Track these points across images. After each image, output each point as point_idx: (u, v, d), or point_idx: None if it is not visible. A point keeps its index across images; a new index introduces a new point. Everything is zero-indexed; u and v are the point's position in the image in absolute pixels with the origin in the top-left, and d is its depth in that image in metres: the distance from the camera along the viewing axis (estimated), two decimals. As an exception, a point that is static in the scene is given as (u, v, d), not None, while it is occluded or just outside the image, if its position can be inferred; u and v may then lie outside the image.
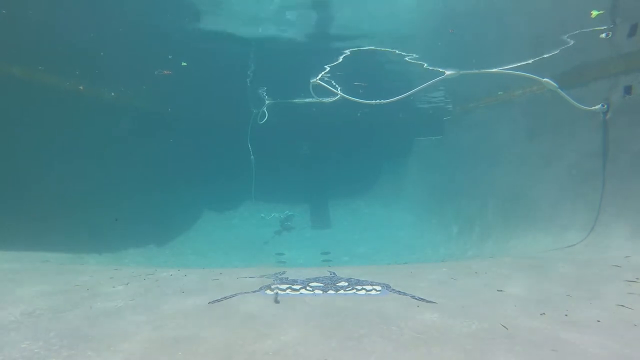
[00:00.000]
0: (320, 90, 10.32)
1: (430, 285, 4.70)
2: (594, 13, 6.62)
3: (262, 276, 5.36)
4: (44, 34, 8.06)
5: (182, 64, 10.52)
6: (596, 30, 6.93)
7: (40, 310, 3.73)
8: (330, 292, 4.34)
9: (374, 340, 3.00)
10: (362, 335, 3.10)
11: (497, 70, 8.06)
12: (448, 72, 7.87)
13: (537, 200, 8.28)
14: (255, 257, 11.68)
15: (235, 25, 8.75)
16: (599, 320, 3.31)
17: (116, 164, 11.11)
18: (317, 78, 10.27)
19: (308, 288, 4.42)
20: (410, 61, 9.80)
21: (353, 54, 9.71)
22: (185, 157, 15.34)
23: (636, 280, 4.42)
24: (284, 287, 4.45)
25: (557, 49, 7.95)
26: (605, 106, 6.86)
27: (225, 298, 4.14)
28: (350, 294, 4.28)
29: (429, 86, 8.00)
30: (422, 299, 4.00)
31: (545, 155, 8.33)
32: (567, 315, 3.47)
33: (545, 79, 7.00)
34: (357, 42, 9.34)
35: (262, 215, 16.26)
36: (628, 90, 6.47)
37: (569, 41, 7.70)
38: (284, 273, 5.56)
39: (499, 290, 4.31)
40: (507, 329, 3.17)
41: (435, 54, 9.56)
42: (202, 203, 15.65)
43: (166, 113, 14.37)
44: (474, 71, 7.88)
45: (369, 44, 9.36)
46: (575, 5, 6.99)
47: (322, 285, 4.56)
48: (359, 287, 4.43)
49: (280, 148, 16.77)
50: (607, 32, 6.76)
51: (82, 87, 10.23)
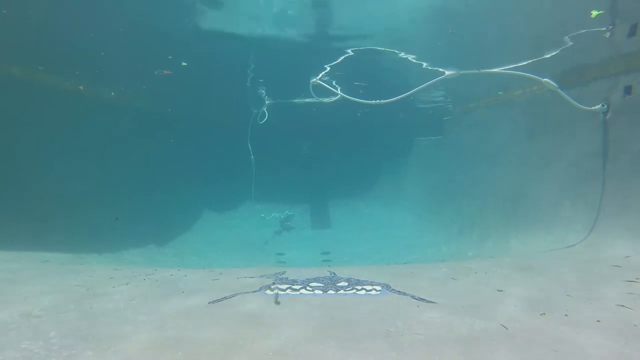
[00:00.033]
0: (320, 90, 10.32)
1: (430, 285, 4.70)
2: (594, 13, 6.62)
3: (262, 276, 5.36)
4: (44, 34, 8.06)
5: (182, 64, 10.53)
6: (596, 30, 6.93)
7: (40, 310, 3.73)
8: (330, 292, 4.34)
9: (373, 340, 3.00)
10: (362, 335, 3.10)
11: (497, 70, 8.05)
12: (448, 72, 7.87)
13: (537, 200, 8.28)
14: (255, 257, 11.67)
15: (235, 24, 8.76)
16: (599, 320, 3.32)
17: (116, 164, 11.11)
18: (317, 78, 10.27)
19: (308, 288, 4.42)
20: (412, 61, 9.80)
21: (354, 53, 9.71)
22: (185, 157, 15.34)
23: (636, 280, 4.42)
24: (284, 287, 4.45)
25: (557, 49, 7.95)
26: (605, 106, 6.86)
27: (225, 298, 4.14)
28: (350, 294, 4.28)
29: (428, 86, 8.00)
30: (422, 299, 4.01)
31: (545, 155, 8.33)
32: (567, 315, 3.47)
33: (545, 79, 7.00)
34: (357, 42, 9.34)
35: (262, 215, 16.26)
36: (628, 90, 6.47)
37: (569, 41, 7.70)
38: (284, 273, 5.56)
39: (499, 290, 4.31)
40: (507, 329, 3.18)
41: (435, 54, 9.56)
42: (202, 203, 15.64)
43: (166, 113, 14.37)
44: (474, 71, 7.88)
45: (369, 44, 9.36)
46: (575, 5, 6.99)
47: (322, 285, 4.56)
48: (359, 287, 4.43)
49: (280, 148, 16.77)
50: (609, 30, 6.75)
51: (82, 87, 10.23)
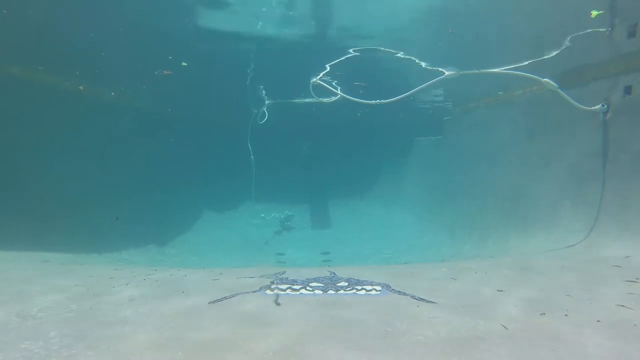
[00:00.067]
0: (321, 90, 10.31)
1: (430, 285, 4.70)
2: (594, 13, 6.61)
3: (262, 276, 5.36)
4: (44, 34, 8.06)
5: (182, 64, 10.53)
6: (596, 31, 6.93)
7: (40, 310, 3.73)
8: (330, 292, 4.34)
9: (373, 340, 3.00)
10: (362, 335, 3.10)
11: (497, 70, 8.05)
12: (448, 72, 7.87)
13: (537, 200, 8.28)
14: (255, 257, 11.67)
15: (235, 25, 8.76)
16: (599, 320, 3.31)
17: (116, 164, 11.10)
18: (318, 78, 10.27)
19: (308, 288, 4.42)
20: (413, 60, 9.80)
21: (355, 53, 9.71)
22: (185, 157, 15.34)
23: (636, 280, 4.42)
24: (284, 287, 4.45)
25: (557, 49, 7.95)
26: (605, 106, 6.85)
27: (225, 298, 4.14)
28: (350, 294, 4.28)
29: (428, 86, 8.00)
30: (422, 299, 4.01)
31: (545, 155, 8.33)
32: (567, 315, 3.47)
33: (545, 79, 7.00)
34: (357, 42, 9.34)
35: (262, 215, 16.25)
36: (628, 90, 6.47)
37: (569, 41, 7.70)
38: (284, 273, 5.56)
39: (499, 290, 4.31)
40: (507, 329, 3.18)
41: (435, 54, 9.56)
42: (202, 203, 15.63)
43: (166, 113, 14.37)
44: (474, 71, 7.88)
45: (369, 44, 9.36)
46: (575, 5, 6.99)
47: (322, 285, 4.56)
48: (359, 287, 4.43)
49: (280, 148, 16.76)
50: (608, 31, 6.75)
51: (82, 87, 10.23)
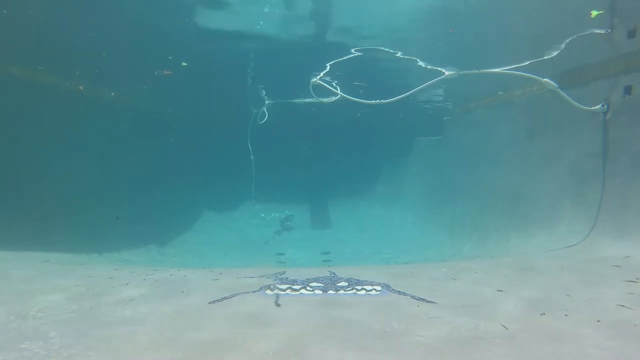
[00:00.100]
0: (321, 90, 10.32)
1: (430, 285, 4.70)
2: (594, 13, 6.61)
3: (262, 276, 5.36)
4: (44, 34, 8.06)
5: (182, 64, 10.53)
6: (596, 31, 6.93)
7: (40, 310, 3.73)
8: (330, 292, 4.34)
9: (373, 340, 3.00)
10: (362, 335, 3.10)
11: (497, 70, 8.05)
12: (448, 72, 7.87)
13: (537, 200, 8.28)
14: (255, 257, 11.68)
15: (235, 25, 8.75)
16: (599, 320, 3.31)
17: (116, 164, 11.11)
18: (318, 78, 10.27)
19: (308, 288, 4.42)
20: (413, 60, 9.80)
21: (356, 53, 9.70)
22: (185, 157, 15.34)
23: (636, 280, 4.42)
24: (284, 287, 4.45)
25: (557, 49, 7.95)
26: (605, 106, 6.85)
27: (225, 298, 4.14)
28: (350, 294, 4.28)
29: (428, 86, 8.00)
30: (422, 299, 4.01)
31: (545, 155, 8.33)
32: (567, 315, 3.47)
33: (545, 79, 7.00)
34: (357, 42, 9.34)
35: (262, 215, 16.26)
36: (628, 90, 6.46)
37: (569, 41, 7.69)
38: (284, 273, 5.56)
39: (499, 290, 4.31)
40: (508, 329, 3.18)
41: (435, 54, 9.56)
42: (202, 203, 15.64)
43: (166, 113, 14.37)
44: (474, 71, 7.87)
45: (369, 44, 9.36)
46: (575, 5, 6.99)
47: (322, 285, 4.56)
48: (359, 287, 4.43)
49: (280, 148, 16.77)
50: (607, 32, 6.76)
51: (82, 87, 10.23)
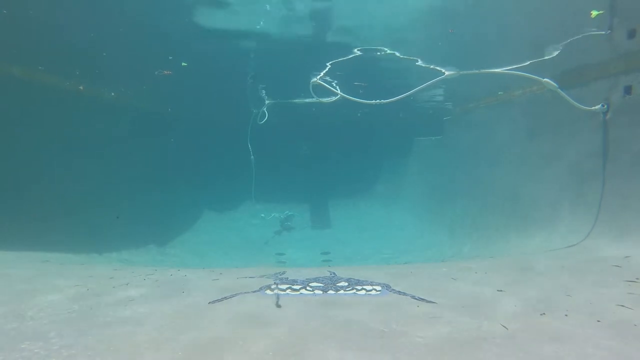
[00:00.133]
0: (321, 90, 10.32)
1: (430, 285, 4.70)
2: (594, 13, 6.61)
3: (262, 276, 5.36)
4: (44, 34, 8.06)
5: (182, 64, 10.53)
6: (596, 31, 6.93)
7: (40, 310, 3.73)
8: (330, 292, 4.34)
9: (373, 340, 3.00)
10: (362, 335, 3.10)
11: (497, 70, 8.05)
12: (448, 72, 7.87)
13: (537, 200, 8.28)
14: (255, 257, 11.68)
15: (235, 24, 8.76)
16: (599, 320, 3.31)
17: (116, 164, 11.11)
18: (318, 77, 10.27)
19: (308, 288, 4.42)
20: (413, 60, 9.80)
21: (359, 52, 9.70)
22: (185, 157, 15.35)
23: (636, 280, 4.42)
24: (284, 287, 4.45)
25: (557, 49, 7.95)
26: (605, 106, 6.85)
27: (225, 298, 4.14)
28: (350, 294, 4.28)
29: (428, 86, 8.00)
30: (422, 299, 4.00)
31: (545, 155, 8.33)
32: (567, 315, 3.47)
33: (545, 79, 7.00)
34: (357, 42, 9.34)
35: (262, 215, 16.27)
36: (628, 90, 6.46)
37: (569, 41, 7.69)
38: (284, 273, 5.56)
39: (499, 290, 4.31)
40: (508, 329, 3.18)
41: (435, 54, 9.56)
42: (202, 203, 15.65)
43: (166, 113, 14.38)
44: (474, 71, 7.87)
45: (369, 44, 9.36)
46: (575, 5, 6.99)
47: (322, 285, 4.56)
48: (359, 287, 4.43)
49: (280, 148, 16.78)
50: (607, 33, 6.76)
51: (82, 87, 10.23)
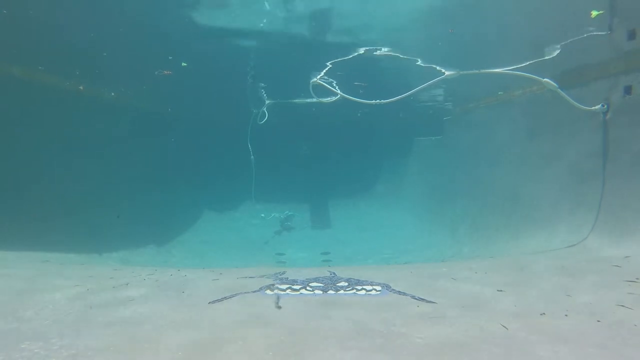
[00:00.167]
0: (321, 90, 10.32)
1: (430, 285, 4.70)
2: (594, 13, 6.61)
3: (262, 276, 5.36)
4: (44, 34, 8.06)
5: (182, 64, 10.53)
6: (596, 31, 6.93)
7: (40, 310, 3.73)
8: (330, 292, 4.34)
9: (373, 340, 3.00)
10: (362, 335, 3.10)
11: (497, 70, 8.05)
12: (448, 72, 7.87)
13: (537, 200, 8.28)
14: (255, 257, 11.68)
15: (235, 24, 8.76)
16: (599, 320, 3.31)
17: (116, 164, 11.11)
18: (318, 77, 10.27)
19: (308, 288, 4.42)
20: (413, 60, 9.81)
21: (357, 53, 9.71)
22: (185, 157, 15.34)
23: (636, 280, 4.42)
24: (284, 287, 4.45)
25: (557, 49, 7.95)
26: (605, 106, 6.85)
27: (225, 298, 4.14)
28: (350, 294, 4.28)
29: (428, 86, 8.00)
30: (422, 299, 4.01)
31: (545, 155, 8.33)
32: (567, 315, 3.47)
33: (545, 79, 7.00)
34: (357, 42, 9.35)
35: (262, 215, 16.26)
36: (628, 90, 6.46)
37: (569, 41, 7.69)
38: (284, 273, 5.56)
39: (499, 290, 4.31)
40: (507, 329, 3.18)
41: (435, 54, 9.57)
42: (202, 203, 15.65)
43: (166, 113, 14.38)
44: (474, 71, 7.88)
45: (369, 44, 9.37)
46: (575, 5, 6.99)
47: (322, 285, 4.56)
48: (359, 287, 4.43)
49: (280, 148, 16.77)
50: (607, 33, 6.76)
51: (82, 87, 10.23)
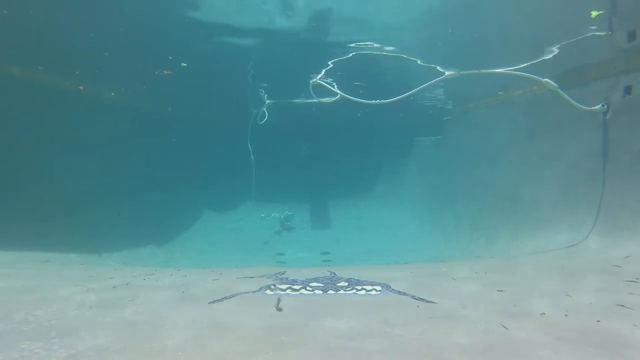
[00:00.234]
0: (321, 90, 10.32)
1: (430, 285, 4.70)
2: (594, 13, 6.61)
3: (262, 276, 5.36)
4: (44, 34, 8.06)
5: (182, 64, 10.53)
6: (596, 31, 6.93)
7: (40, 310, 3.73)
8: (330, 292, 4.34)
9: (375, 340, 3.00)
10: (363, 335, 3.10)
11: (497, 70, 8.06)
12: (448, 73, 7.87)
13: (537, 200, 8.28)
14: (255, 257, 11.68)
15: (235, 23, 8.76)
16: (599, 321, 3.31)
17: (116, 164, 11.11)
18: (318, 77, 10.27)
19: (308, 288, 4.42)
20: (412, 60, 9.81)
21: (357, 53, 9.71)
22: (185, 157, 15.34)
23: (636, 280, 4.42)
24: (284, 287, 4.45)
25: (557, 49, 7.95)
26: (605, 106, 6.85)
27: (225, 298, 4.14)
28: (350, 294, 4.28)
29: (429, 86, 8.01)
30: (422, 299, 4.01)
31: (545, 155, 8.33)
32: (567, 315, 3.47)
33: (545, 79, 7.01)
34: (357, 42, 9.35)
35: (262, 215, 16.26)
36: (628, 90, 6.47)
37: (569, 41, 7.70)
38: (284, 273, 5.56)
39: (499, 290, 4.31)
40: (507, 329, 3.18)
41: (435, 54, 9.56)
42: (202, 203, 15.65)
43: (166, 113, 14.38)
44: (474, 71, 7.88)
45: (369, 44, 9.37)
46: (575, 5, 6.99)
47: (322, 285, 4.56)
48: (359, 287, 4.43)
49: (280, 148, 16.77)
50: (607, 34, 6.77)
51: (82, 87, 10.23)
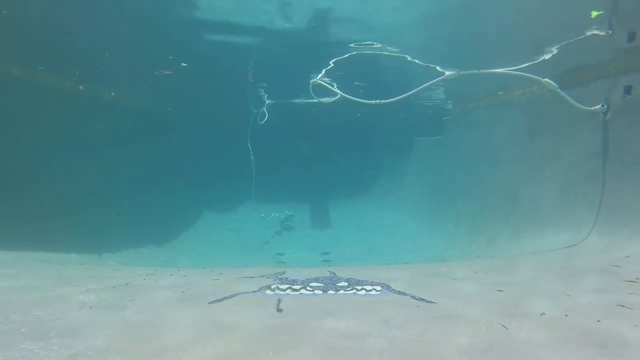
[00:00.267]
0: (321, 90, 10.32)
1: (430, 285, 4.70)
2: (594, 13, 6.61)
3: (262, 276, 5.37)
4: (44, 34, 8.06)
5: (182, 64, 10.53)
6: (596, 31, 6.94)
7: (40, 310, 3.73)
8: (330, 292, 4.34)
9: (375, 340, 3.00)
10: (363, 335, 3.10)
11: (497, 70, 8.06)
12: (448, 73, 7.87)
13: (537, 200, 8.28)
14: (255, 257, 11.68)
15: (235, 23, 8.76)
16: (599, 321, 3.31)
17: (116, 164, 11.11)
18: (318, 77, 10.27)
19: (308, 288, 4.42)
20: (412, 60, 9.81)
21: (357, 53, 9.70)
22: (185, 157, 15.34)
23: (636, 280, 4.42)
24: (284, 287, 4.45)
25: (557, 49, 7.95)
26: (605, 106, 6.86)
27: (225, 298, 4.14)
28: (350, 294, 4.28)
29: (429, 86, 8.01)
30: (422, 299, 4.01)
31: (545, 155, 8.33)
32: (567, 315, 3.47)
33: (545, 79, 7.01)
34: (357, 42, 9.35)
35: (262, 215, 16.25)
36: (628, 90, 6.47)
37: (569, 41, 7.70)
38: (284, 273, 5.56)
39: (499, 290, 4.31)
40: (507, 329, 3.18)
41: (435, 54, 9.57)
42: (202, 203, 15.64)
43: (166, 113, 14.38)
44: (474, 71, 7.88)
45: (369, 44, 9.37)
46: (575, 5, 6.99)
47: (322, 285, 4.56)
48: (359, 287, 4.43)
49: (280, 148, 16.77)
50: (608, 34, 6.77)
51: (82, 87, 10.23)
